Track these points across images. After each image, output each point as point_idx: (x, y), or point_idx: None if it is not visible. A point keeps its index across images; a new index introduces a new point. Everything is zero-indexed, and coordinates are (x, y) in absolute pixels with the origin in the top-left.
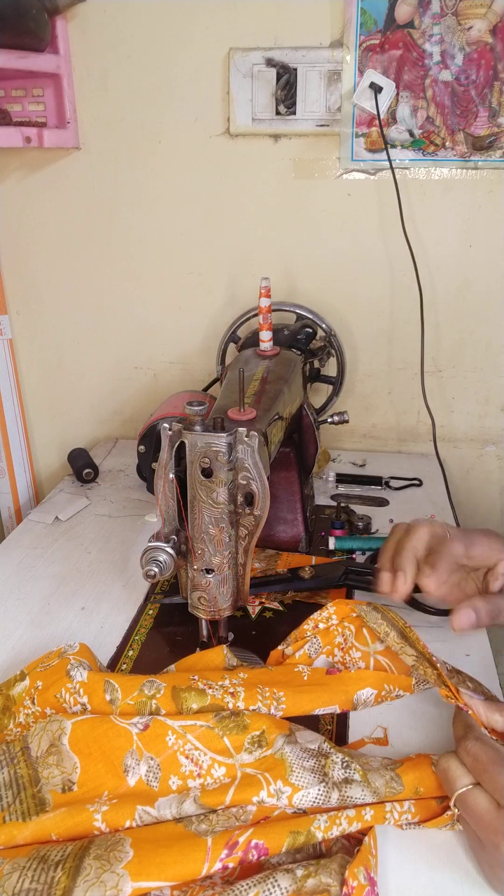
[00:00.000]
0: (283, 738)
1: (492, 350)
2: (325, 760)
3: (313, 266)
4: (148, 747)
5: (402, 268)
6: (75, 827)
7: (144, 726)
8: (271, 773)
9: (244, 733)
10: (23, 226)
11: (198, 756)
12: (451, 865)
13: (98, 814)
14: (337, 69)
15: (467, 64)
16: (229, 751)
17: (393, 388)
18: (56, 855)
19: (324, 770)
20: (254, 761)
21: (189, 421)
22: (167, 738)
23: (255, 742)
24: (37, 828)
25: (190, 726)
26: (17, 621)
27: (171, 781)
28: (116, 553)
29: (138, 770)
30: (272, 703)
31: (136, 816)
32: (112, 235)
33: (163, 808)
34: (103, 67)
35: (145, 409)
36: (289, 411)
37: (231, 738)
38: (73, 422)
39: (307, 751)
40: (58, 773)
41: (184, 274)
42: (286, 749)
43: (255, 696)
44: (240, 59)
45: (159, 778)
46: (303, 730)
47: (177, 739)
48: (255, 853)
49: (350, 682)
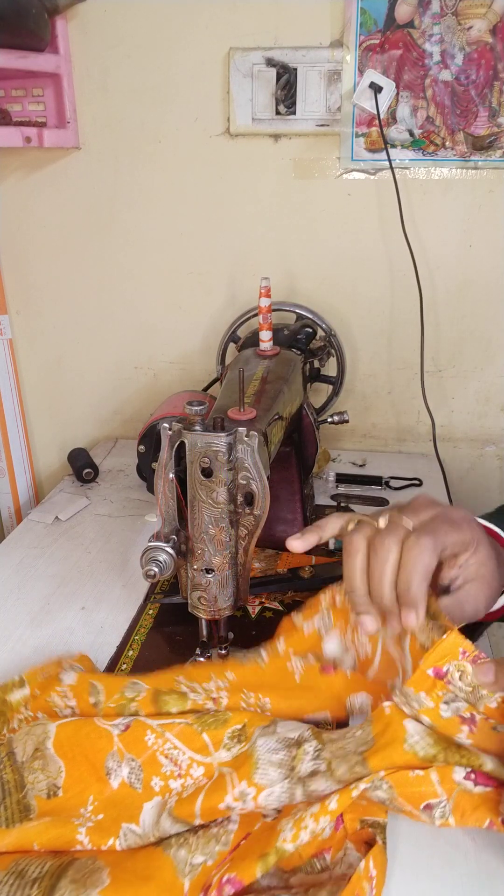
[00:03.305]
0: (259, 730)
1: (492, 350)
2: (296, 751)
3: (313, 266)
4: (129, 748)
5: (402, 268)
6: (58, 838)
7: (125, 727)
8: (238, 772)
9: (224, 727)
10: (23, 225)
11: (177, 755)
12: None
13: (83, 828)
14: (337, 69)
15: (467, 64)
16: (207, 748)
17: (393, 388)
18: (34, 871)
19: (291, 764)
20: (231, 759)
21: (189, 421)
22: (146, 737)
23: (235, 737)
24: (20, 835)
25: (169, 724)
26: (17, 621)
27: (154, 783)
28: (116, 553)
29: (120, 772)
30: (256, 709)
31: (120, 835)
32: (112, 235)
33: (147, 824)
34: (103, 67)
35: (145, 409)
36: (289, 411)
37: (210, 734)
38: (73, 422)
39: (283, 740)
40: (43, 777)
41: (184, 274)
42: (258, 742)
43: (239, 702)
44: (240, 59)
45: (142, 780)
46: (288, 722)
47: (156, 739)
48: (229, 888)
49: (342, 687)
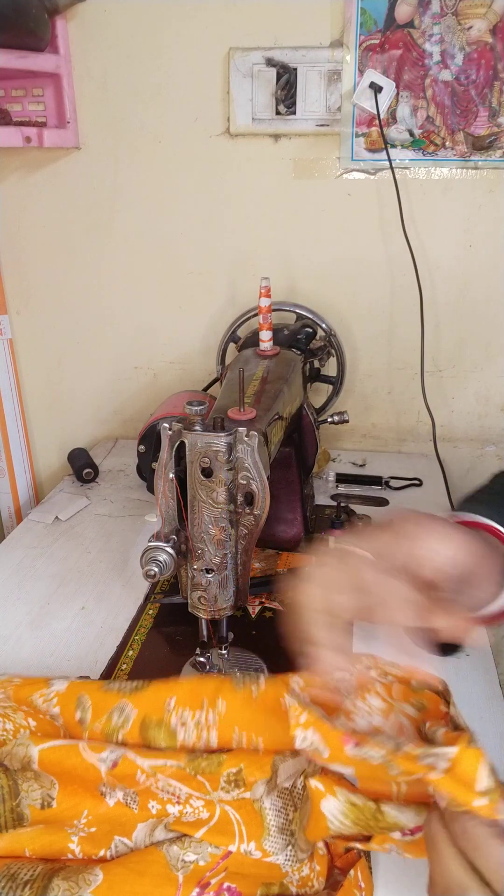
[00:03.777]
0: (262, 784)
1: (492, 350)
2: (293, 814)
3: (313, 266)
4: (120, 781)
5: (402, 267)
6: (50, 845)
7: (113, 764)
8: (248, 829)
9: (219, 769)
10: (23, 226)
11: (174, 790)
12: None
13: (75, 836)
14: (337, 69)
15: (467, 64)
16: (206, 787)
17: (393, 388)
18: (26, 874)
19: (291, 828)
20: (232, 800)
21: (189, 421)
22: (137, 776)
23: (232, 781)
24: (11, 840)
25: (160, 767)
26: (17, 621)
27: (151, 805)
28: (116, 553)
29: (115, 794)
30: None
31: (111, 846)
32: (112, 235)
33: (139, 840)
34: (103, 67)
35: (145, 409)
36: (289, 411)
37: (206, 777)
38: (73, 422)
39: (283, 794)
40: (37, 786)
41: (184, 274)
42: (265, 803)
43: (231, 741)
44: (240, 59)
45: (138, 802)
46: (287, 759)
47: (147, 779)
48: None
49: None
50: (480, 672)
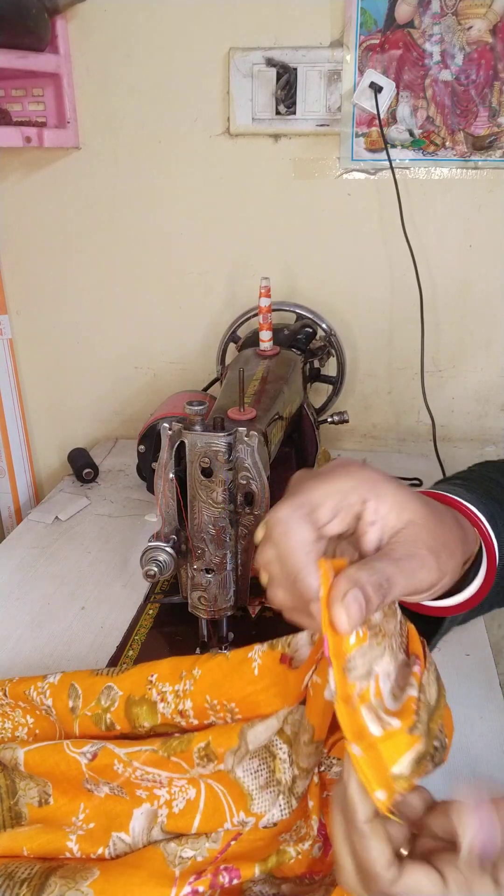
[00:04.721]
0: (231, 754)
1: (492, 350)
2: (273, 763)
3: (313, 266)
4: (100, 775)
5: (402, 268)
6: (48, 844)
7: (93, 755)
8: (233, 799)
9: (189, 747)
10: (23, 225)
11: (152, 777)
12: None
13: (73, 835)
14: (337, 69)
15: (467, 64)
16: (182, 767)
17: (393, 388)
18: (23, 873)
19: (275, 778)
20: (210, 773)
21: (189, 421)
22: (115, 766)
23: (204, 756)
24: (10, 839)
25: (135, 753)
26: (17, 621)
27: (139, 793)
28: (116, 553)
29: (102, 789)
30: (226, 716)
31: (109, 844)
32: (112, 235)
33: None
34: (103, 67)
35: (145, 408)
36: (289, 411)
37: (179, 756)
38: (73, 422)
39: (257, 755)
40: (33, 785)
41: (184, 274)
42: (238, 772)
43: (206, 711)
44: (240, 59)
45: (125, 792)
46: (255, 725)
47: (124, 769)
48: (225, 875)
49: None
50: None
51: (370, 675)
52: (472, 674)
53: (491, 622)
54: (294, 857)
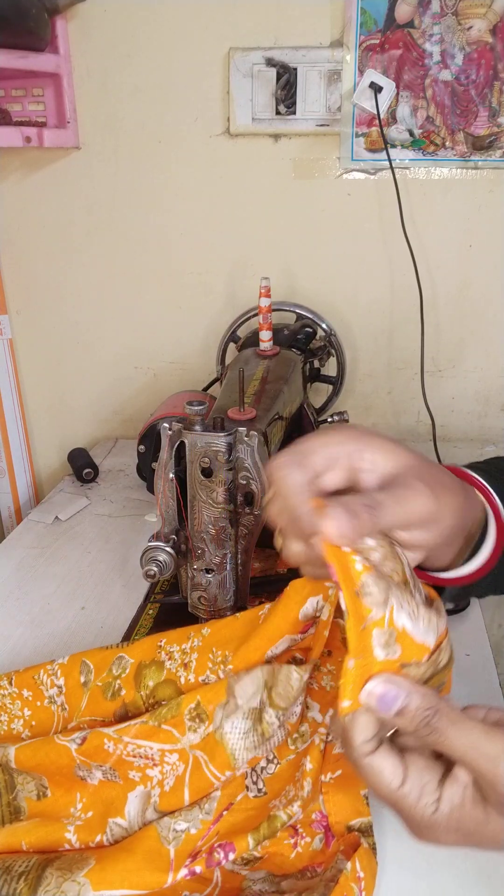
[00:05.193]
0: (220, 709)
1: (492, 350)
2: (261, 726)
3: (313, 266)
4: (92, 759)
5: (402, 267)
6: (47, 836)
7: (82, 740)
8: (215, 763)
9: (179, 710)
10: (23, 226)
11: (144, 752)
12: (450, 866)
13: (71, 826)
14: (337, 69)
15: (467, 64)
16: (174, 735)
17: (393, 388)
18: (21, 866)
19: (263, 736)
20: (200, 741)
21: (189, 421)
22: (105, 745)
23: (195, 717)
24: (9, 834)
25: (124, 728)
26: (17, 621)
27: (132, 775)
28: (116, 553)
29: (95, 775)
30: (220, 668)
31: (106, 830)
32: (112, 235)
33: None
34: (103, 67)
35: (145, 408)
36: (289, 411)
37: (170, 723)
38: (73, 422)
39: (246, 714)
40: (31, 778)
41: (184, 274)
42: (225, 727)
43: (206, 663)
44: (240, 59)
45: (118, 775)
46: (242, 677)
47: (115, 745)
48: (221, 851)
49: (297, 592)
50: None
51: (386, 603)
52: (471, 674)
53: (491, 622)
54: (285, 821)
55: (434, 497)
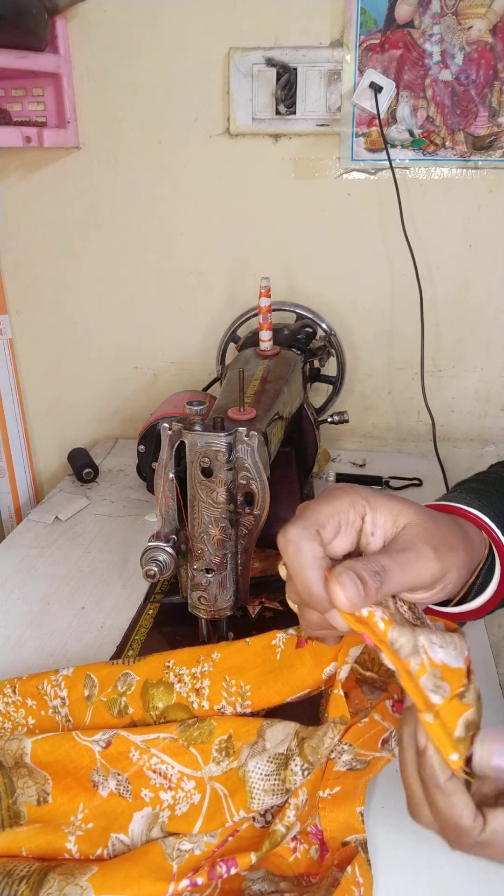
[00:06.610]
0: (248, 748)
1: (492, 350)
2: (284, 773)
3: (313, 266)
4: (113, 764)
5: (402, 267)
6: (47, 845)
7: (107, 743)
8: (233, 798)
9: (210, 739)
10: (23, 226)
11: (165, 769)
12: (450, 865)
13: (72, 836)
14: (337, 69)
15: (467, 64)
16: (197, 762)
17: (393, 388)
18: (22, 870)
19: (284, 787)
20: (221, 774)
21: (189, 421)
22: (130, 754)
23: (223, 750)
24: (8, 839)
25: (153, 740)
26: (17, 621)
27: (144, 794)
28: (116, 553)
29: (108, 784)
30: (237, 700)
31: (108, 844)
32: (112, 235)
33: (135, 835)
34: (103, 67)
35: (145, 408)
36: (289, 411)
37: (198, 748)
38: (73, 422)
39: (272, 759)
40: (31, 783)
41: (184, 274)
42: (249, 765)
43: (221, 692)
44: (240, 59)
45: (130, 791)
46: (275, 724)
47: (140, 755)
48: (223, 865)
49: (312, 661)
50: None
51: (418, 648)
52: None
53: (491, 622)
54: (284, 833)
55: (438, 560)
